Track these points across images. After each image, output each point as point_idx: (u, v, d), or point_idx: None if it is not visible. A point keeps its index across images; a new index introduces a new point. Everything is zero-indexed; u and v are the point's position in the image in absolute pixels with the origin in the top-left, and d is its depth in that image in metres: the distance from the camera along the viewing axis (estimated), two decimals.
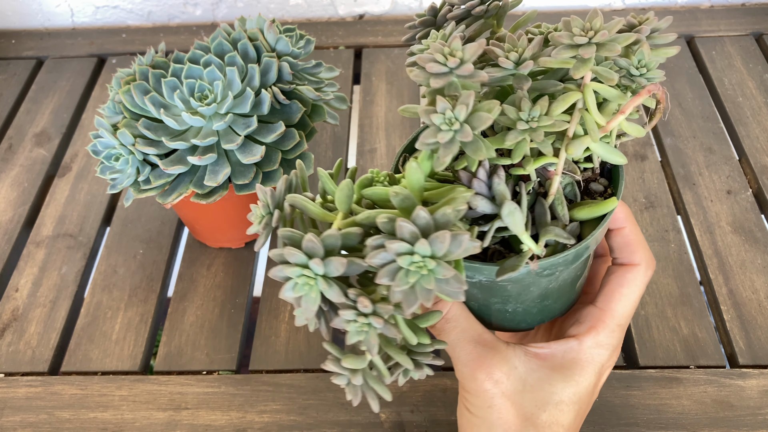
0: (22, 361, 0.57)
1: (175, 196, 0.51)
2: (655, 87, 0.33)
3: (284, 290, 0.30)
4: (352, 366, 0.32)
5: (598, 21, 0.31)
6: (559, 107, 0.32)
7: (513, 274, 0.34)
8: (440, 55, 0.31)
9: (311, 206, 0.34)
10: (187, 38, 0.87)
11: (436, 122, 0.30)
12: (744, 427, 0.50)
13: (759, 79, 0.77)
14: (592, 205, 0.36)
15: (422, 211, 0.28)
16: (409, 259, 0.28)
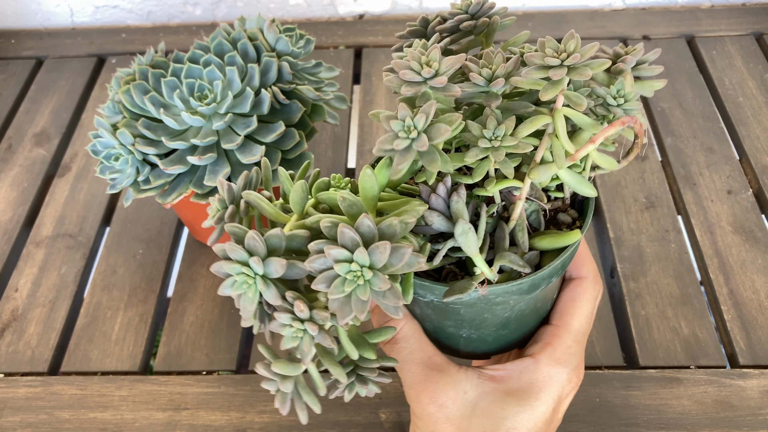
0: (21, 362, 0.57)
1: (175, 196, 0.51)
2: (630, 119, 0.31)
3: (223, 287, 0.29)
4: (282, 372, 0.30)
5: (573, 43, 0.30)
6: (525, 129, 0.31)
7: (461, 296, 0.33)
8: (416, 63, 0.30)
9: (265, 205, 0.33)
10: (187, 38, 0.87)
11: (395, 128, 0.29)
12: (744, 427, 0.50)
13: (759, 78, 0.77)
14: (554, 236, 0.35)
15: (366, 219, 0.27)
16: (346, 267, 0.27)
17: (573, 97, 0.31)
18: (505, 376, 0.37)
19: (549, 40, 0.31)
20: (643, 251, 0.61)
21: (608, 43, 0.82)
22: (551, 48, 0.30)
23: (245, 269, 0.28)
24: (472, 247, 0.32)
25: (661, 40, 0.82)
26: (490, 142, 0.31)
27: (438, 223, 0.33)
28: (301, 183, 0.32)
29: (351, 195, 0.30)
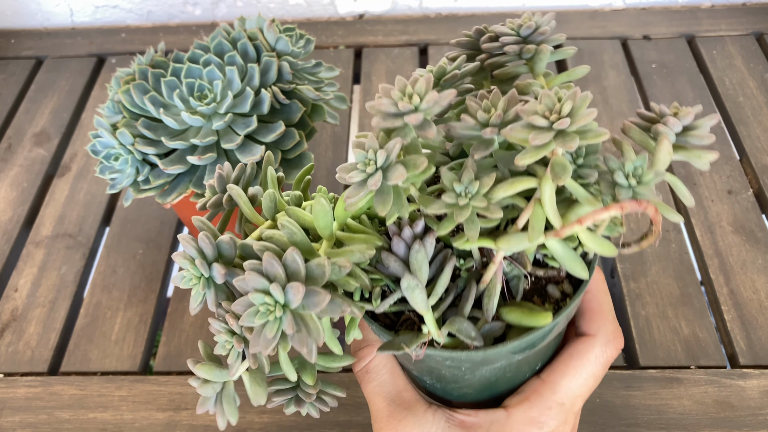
0: (21, 362, 0.57)
1: (175, 195, 0.51)
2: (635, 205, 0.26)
3: (174, 277, 0.30)
4: (206, 376, 0.30)
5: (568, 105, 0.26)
6: (503, 190, 0.28)
7: (395, 352, 0.31)
8: (398, 92, 0.27)
9: (243, 203, 0.33)
10: (187, 38, 0.87)
11: (357, 158, 0.27)
12: (745, 427, 0.50)
13: (760, 78, 0.77)
14: (524, 311, 0.31)
15: (295, 254, 0.26)
16: (261, 298, 0.26)
17: (557, 168, 0.26)
18: (473, 423, 0.34)
19: (546, 96, 0.26)
20: (644, 251, 0.61)
21: (608, 42, 0.82)
22: (546, 104, 0.26)
23: (192, 268, 0.29)
24: (419, 305, 0.30)
25: (662, 40, 0.82)
26: (457, 198, 0.28)
27: (394, 268, 0.30)
28: (270, 192, 0.32)
29: (291, 223, 0.29)
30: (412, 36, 0.85)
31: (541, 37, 0.34)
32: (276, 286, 0.25)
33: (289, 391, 0.32)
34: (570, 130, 0.25)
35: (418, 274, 0.30)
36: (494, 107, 0.28)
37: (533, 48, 0.33)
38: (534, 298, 0.34)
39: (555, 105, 0.26)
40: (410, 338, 0.31)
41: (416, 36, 0.85)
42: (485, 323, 0.32)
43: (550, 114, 0.26)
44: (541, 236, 0.28)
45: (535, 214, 0.28)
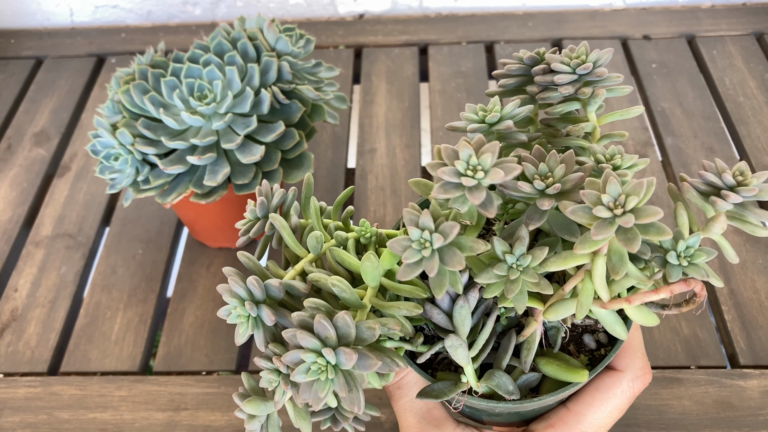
0: (21, 362, 0.57)
1: (175, 195, 0.51)
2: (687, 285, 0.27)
3: (222, 311, 0.31)
4: (252, 411, 0.31)
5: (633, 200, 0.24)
6: (554, 265, 0.28)
7: (434, 400, 0.32)
8: (463, 163, 0.26)
9: (288, 236, 0.34)
10: (187, 38, 0.87)
11: (413, 236, 0.27)
12: (745, 427, 0.50)
13: (760, 78, 0.77)
14: (561, 365, 0.32)
15: (347, 317, 0.27)
16: (313, 358, 0.27)
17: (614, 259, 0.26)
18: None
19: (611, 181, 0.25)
20: None
21: (609, 42, 0.82)
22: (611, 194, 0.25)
23: (240, 309, 0.30)
24: (461, 360, 0.31)
25: (662, 40, 0.82)
26: (509, 271, 0.28)
27: (437, 320, 0.32)
28: (317, 235, 0.33)
29: (342, 283, 0.29)
30: (412, 36, 0.85)
31: (597, 79, 0.33)
32: (329, 350, 0.27)
33: (326, 412, 0.33)
34: (632, 227, 0.25)
35: (461, 328, 0.31)
36: (551, 174, 0.28)
37: (589, 91, 0.33)
38: (570, 346, 0.35)
39: (620, 196, 0.25)
40: (449, 386, 0.32)
41: (416, 36, 0.85)
42: (522, 373, 0.33)
43: (614, 205, 0.25)
44: (587, 310, 0.28)
45: (584, 289, 0.28)
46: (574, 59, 0.33)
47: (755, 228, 0.28)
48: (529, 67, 0.35)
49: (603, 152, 0.31)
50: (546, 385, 0.34)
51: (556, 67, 0.33)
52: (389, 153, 0.71)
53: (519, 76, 0.35)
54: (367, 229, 0.34)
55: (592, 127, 0.34)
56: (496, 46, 0.83)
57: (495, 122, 0.32)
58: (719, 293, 0.58)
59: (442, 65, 0.81)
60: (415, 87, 0.79)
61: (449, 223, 0.27)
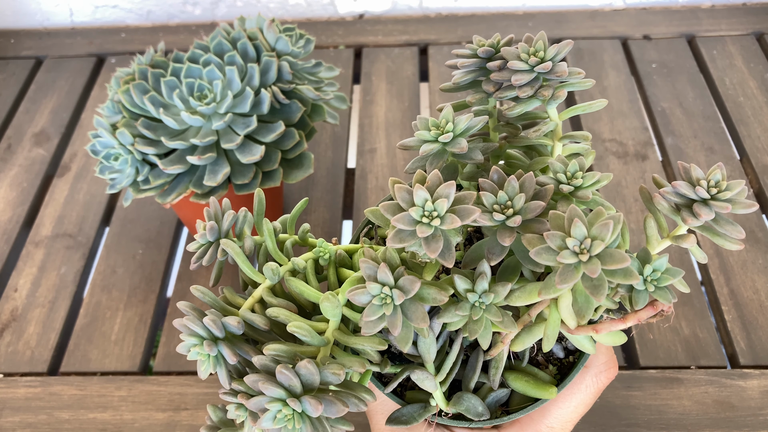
0: (21, 362, 0.57)
1: (175, 195, 0.51)
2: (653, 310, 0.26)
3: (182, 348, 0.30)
4: None
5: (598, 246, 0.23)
6: (520, 299, 0.27)
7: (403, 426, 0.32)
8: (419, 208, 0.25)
9: (242, 262, 0.33)
10: (187, 38, 0.87)
11: (372, 291, 0.26)
12: (745, 427, 0.50)
13: (760, 78, 0.77)
14: (529, 381, 0.32)
15: (309, 365, 0.27)
16: (278, 406, 0.26)
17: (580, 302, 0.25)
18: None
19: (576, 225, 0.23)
20: None
21: (609, 42, 0.82)
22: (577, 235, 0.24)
23: (199, 348, 0.30)
24: (429, 388, 0.31)
25: (662, 40, 0.82)
26: (471, 310, 0.27)
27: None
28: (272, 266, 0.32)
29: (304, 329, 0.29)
30: (412, 36, 0.85)
31: (555, 78, 0.31)
32: (293, 400, 0.26)
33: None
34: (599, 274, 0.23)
35: (426, 356, 0.30)
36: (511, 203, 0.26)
37: (549, 94, 0.31)
38: (538, 356, 0.35)
39: (585, 239, 0.24)
40: (418, 410, 0.32)
41: (416, 36, 0.85)
42: (491, 391, 0.33)
43: (579, 249, 0.23)
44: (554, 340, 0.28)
45: (551, 321, 0.28)
46: (532, 56, 0.30)
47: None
48: (484, 60, 0.32)
49: (563, 170, 0.29)
50: (515, 398, 0.34)
51: (513, 65, 0.30)
52: (389, 153, 0.71)
53: (473, 71, 0.33)
54: (325, 250, 0.33)
55: (554, 125, 0.33)
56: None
57: (448, 142, 0.30)
58: (719, 293, 0.58)
59: (442, 65, 0.81)
60: (415, 87, 0.79)
61: (408, 278, 0.26)
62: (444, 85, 0.35)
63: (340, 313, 0.30)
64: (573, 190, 0.28)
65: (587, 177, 0.28)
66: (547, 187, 0.27)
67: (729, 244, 0.27)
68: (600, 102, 0.32)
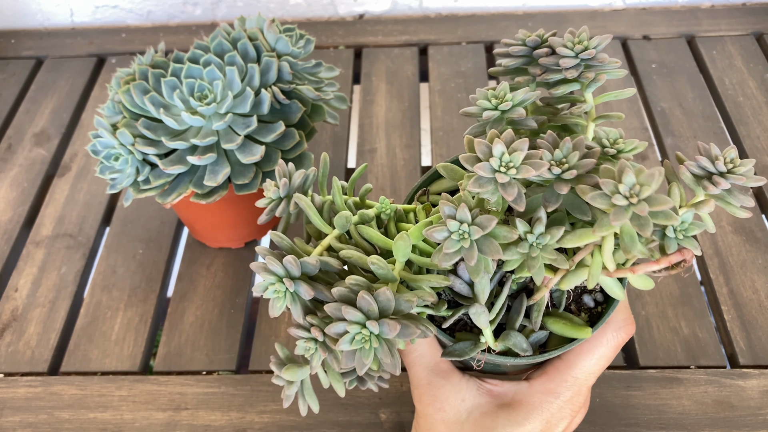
0: (21, 362, 0.57)
1: (175, 196, 0.51)
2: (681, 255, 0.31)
3: (257, 287, 0.33)
4: (290, 378, 0.34)
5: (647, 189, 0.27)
6: (570, 242, 0.31)
7: (458, 359, 0.36)
8: (497, 160, 0.29)
9: (313, 214, 0.36)
10: (187, 38, 0.87)
11: (451, 228, 0.30)
12: (745, 427, 0.50)
13: (760, 78, 0.77)
14: (567, 324, 0.37)
15: (387, 293, 0.30)
16: (357, 329, 0.30)
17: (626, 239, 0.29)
18: (500, 392, 0.40)
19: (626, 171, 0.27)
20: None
21: (609, 42, 0.82)
22: (627, 183, 0.27)
23: (278, 285, 0.33)
24: (482, 324, 0.34)
25: (662, 40, 0.82)
26: (529, 249, 0.31)
27: (459, 287, 0.35)
28: (345, 215, 0.36)
29: (383, 263, 0.33)
30: (412, 36, 0.85)
31: (598, 64, 0.35)
32: (373, 323, 0.30)
33: (353, 373, 0.37)
34: (646, 215, 0.27)
35: (481, 296, 0.34)
36: (566, 160, 0.31)
37: (592, 76, 0.35)
38: (571, 305, 0.39)
39: (634, 186, 0.27)
40: (469, 346, 0.36)
41: (416, 36, 0.85)
42: (532, 332, 0.37)
43: (629, 194, 0.27)
44: (597, 279, 0.32)
45: (595, 262, 0.32)
46: (577, 44, 0.35)
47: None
48: (530, 48, 0.37)
49: (606, 136, 0.33)
50: (552, 340, 0.38)
51: (561, 51, 0.35)
52: (389, 153, 0.71)
53: (521, 57, 0.38)
54: (387, 206, 0.37)
55: (590, 107, 0.37)
56: (496, 46, 0.83)
57: (507, 110, 0.34)
58: (719, 293, 0.58)
59: (442, 65, 0.81)
60: (415, 87, 0.79)
61: (486, 216, 0.29)
62: (493, 69, 0.39)
63: (409, 253, 0.33)
64: (615, 153, 0.33)
65: (627, 142, 0.33)
66: (595, 150, 0.31)
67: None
68: (629, 90, 0.37)
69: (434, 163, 0.70)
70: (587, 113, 0.37)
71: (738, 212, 0.32)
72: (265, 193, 0.38)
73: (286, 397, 0.36)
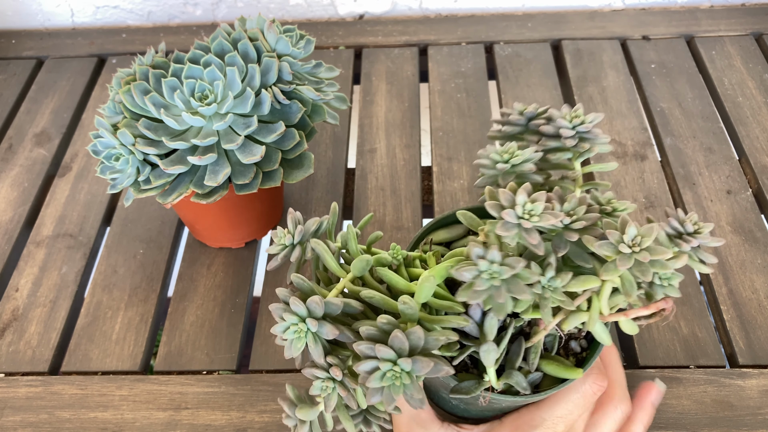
0: (22, 361, 0.57)
1: (176, 196, 0.51)
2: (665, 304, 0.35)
3: (276, 328, 0.35)
4: (303, 417, 0.36)
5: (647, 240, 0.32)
6: (576, 286, 0.34)
7: (464, 396, 0.38)
8: (520, 208, 0.33)
9: (329, 259, 0.39)
10: (187, 38, 0.87)
11: (481, 267, 0.32)
12: (744, 427, 0.50)
13: (759, 79, 0.77)
14: (559, 366, 0.40)
15: (420, 332, 0.32)
16: (389, 366, 0.32)
17: (627, 285, 0.33)
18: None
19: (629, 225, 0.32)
20: None
21: (608, 43, 0.82)
22: (630, 235, 0.32)
23: (300, 325, 0.34)
24: (490, 362, 0.37)
25: (661, 41, 0.82)
26: (543, 290, 0.34)
27: (469, 328, 0.38)
28: (367, 258, 0.37)
29: (411, 301, 0.34)
30: (412, 36, 0.85)
31: (591, 137, 0.40)
32: (406, 360, 0.32)
33: (358, 416, 0.38)
34: (647, 262, 0.32)
35: (489, 335, 0.37)
36: (574, 212, 0.35)
37: (587, 146, 0.40)
38: (560, 351, 0.43)
39: (636, 237, 0.32)
40: (474, 384, 0.38)
41: (416, 36, 0.85)
42: (528, 373, 0.40)
43: (632, 244, 0.32)
44: (596, 322, 0.36)
45: (594, 306, 0.36)
46: (574, 118, 0.40)
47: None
48: (527, 119, 0.42)
49: (599, 197, 0.38)
50: (545, 382, 0.41)
51: (560, 123, 0.40)
52: (389, 153, 0.72)
53: (518, 125, 0.42)
54: (398, 253, 0.39)
55: (578, 174, 0.41)
56: (495, 46, 0.83)
57: (519, 164, 0.39)
58: (718, 293, 0.58)
59: (441, 66, 0.81)
60: (414, 87, 0.79)
61: (515, 258, 0.32)
62: (491, 133, 0.44)
63: (431, 294, 0.35)
64: (611, 210, 0.37)
65: (620, 203, 0.37)
66: (593, 207, 0.36)
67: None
68: (612, 164, 0.43)
69: (434, 163, 0.70)
70: (575, 180, 0.41)
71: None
72: (276, 239, 0.39)
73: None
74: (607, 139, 0.41)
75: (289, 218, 0.40)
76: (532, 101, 0.76)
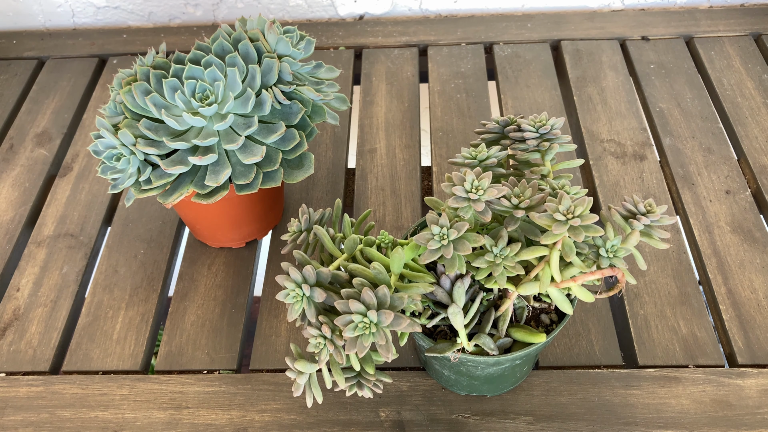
0: (23, 361, 0.57)
1: (176, 196, 0.51)
2: (611, 272, 0.41)
3: (280, 294, 0.41)
4: (301, 369, 0.41)
5: (580, 209, 0.38)
6: (525, 254, 0.40)
7: (438, 355, 0.44)
8: (469, 184, 0.39)
9: (326, 240, 0.45)
10: (188, 39, 0.87)
11: (434, 231, 0.39)
12: (743, 426, 0.51)
13: (758, 79, 0.77)
14: (526, 332, 0.45)
15: (384, 289, 0.38)
16: (360, 318, 0.38)
17: (566, 248, 0.39)
18: None
19: (564, 198, 0.38)
20: (642, 251, 0.61)
21: (607, 43, 0.83)
22: (563, 206, 0.38)
23: (297, 290, 0.40)
24: (458, 324, 0.43)
25: (660, 41, 0.83)
26: (494, 258, 0.40)
27: (440, 296, 0.43)
28: (354, 237, 0.44)
29: (380, 267, 0.40)
30: (411, 37, 0.86)
31: (553, 137, 0.47)
32: (373, 311, 0.38)
33: (353, 378, 0.43)
34: (578, 226, 0.37)
35: (458, 301, 0.42)
36: (522, 195, 0.41)
37: (547, 145, 0.46)
38: (531, 323, 0.48)
39: (570, 207, 0.38)
40: (448, 345, 0.44)
41: (416, 37, 0.85)
42: (499, 338, 0.45)
43: (566, 213, 0.38)
44: (546, 287, 0.41)
45: (544, 272, 0.41)
46: (538, 123, 0.47)
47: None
48: (502, 127, 0.49)
49: (554, 184, 0.44)
50: (515, 347, 0.46)
51: (525, 127, 0.47)
52: (389, 153, 0.72)
53: (495, 133, 0.50)
54: (386, 238, 0.45)
55: (548, 171, 0.47)
56: (495, 47, 0.84)
57: (484, 159, 0.45)
58: (717, 293, 0.58)
59: (441, 66, 0.81)
60: (414, 88, 0.79)
61: (461, 223, 0.39)
62: (474, 142, 0.49)
63: (402, 266, 0.41)
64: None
65: (573, 188, 0.43)
66: (546, 190, 0.42)
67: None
68: (578, 161, 0.49)
69: (434, 164, 0.71)
70: (545, 175, 0.47)
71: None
72: (289, 227, 0.47)
73: (297, 386, 0.41)
74: (568, 139, 0.47)
75: (301, 210, 0.47)
76: (532, 102, 0.76)
